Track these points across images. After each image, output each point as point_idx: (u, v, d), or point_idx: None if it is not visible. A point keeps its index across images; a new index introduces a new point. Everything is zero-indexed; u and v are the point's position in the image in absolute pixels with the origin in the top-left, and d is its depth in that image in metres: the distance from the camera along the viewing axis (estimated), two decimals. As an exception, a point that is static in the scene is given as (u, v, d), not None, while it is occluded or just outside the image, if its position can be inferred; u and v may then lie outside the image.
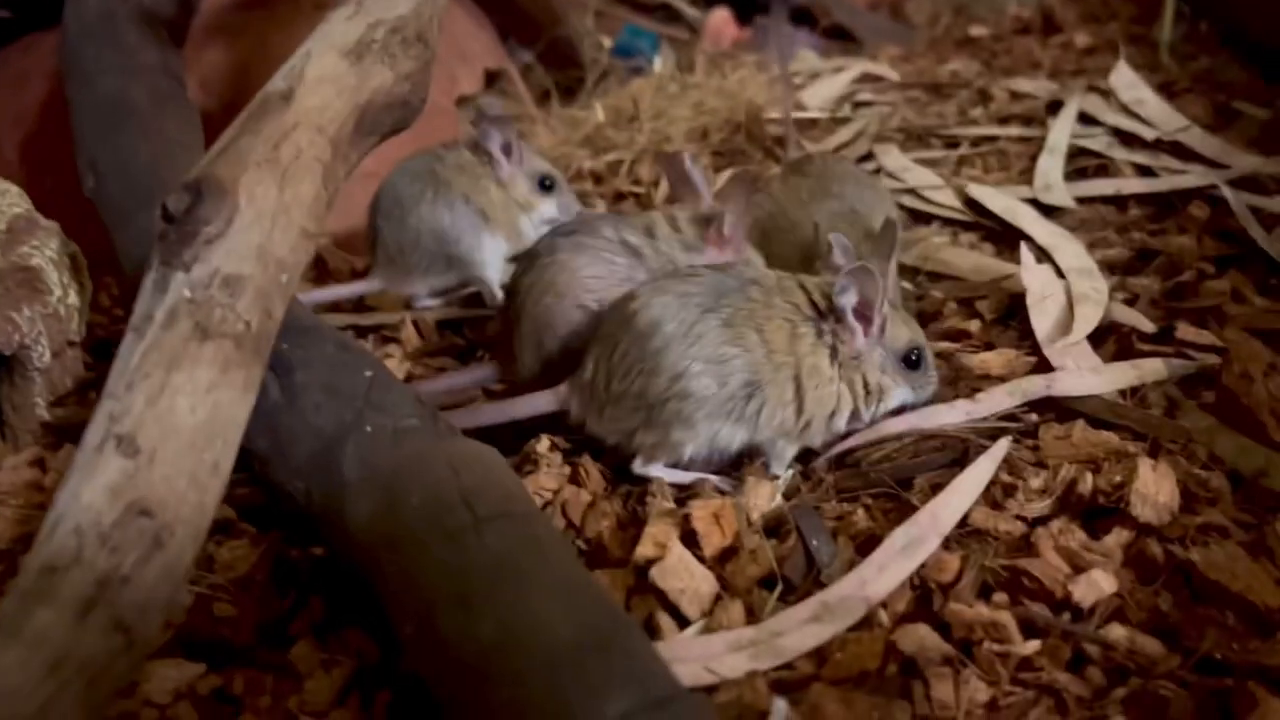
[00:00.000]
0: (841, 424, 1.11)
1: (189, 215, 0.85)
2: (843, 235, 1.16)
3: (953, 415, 1.10)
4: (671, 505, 1.05)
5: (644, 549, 0.96)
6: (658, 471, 1.10)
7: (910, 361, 1.11)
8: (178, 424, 0.79)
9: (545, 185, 1.59)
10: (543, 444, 1.14)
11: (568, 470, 1.11)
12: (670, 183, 1.34)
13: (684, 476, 1.10)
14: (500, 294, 1.56)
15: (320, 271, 1.75)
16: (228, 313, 0.84)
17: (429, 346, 1.48)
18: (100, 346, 1.50)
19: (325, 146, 0.94)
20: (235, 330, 0.84)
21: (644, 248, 1.22)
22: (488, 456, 0.87)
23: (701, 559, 0.96)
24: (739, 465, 1.11)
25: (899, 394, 1.12)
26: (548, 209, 1.60)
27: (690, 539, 0.97)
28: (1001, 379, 1.18)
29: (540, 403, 1.14)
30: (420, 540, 0.78)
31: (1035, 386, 1.13)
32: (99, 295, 1.65)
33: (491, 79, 2.34)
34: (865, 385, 1.09)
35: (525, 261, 1.26)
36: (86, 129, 1.37)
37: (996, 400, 1.11)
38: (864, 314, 1.07)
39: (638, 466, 1.10)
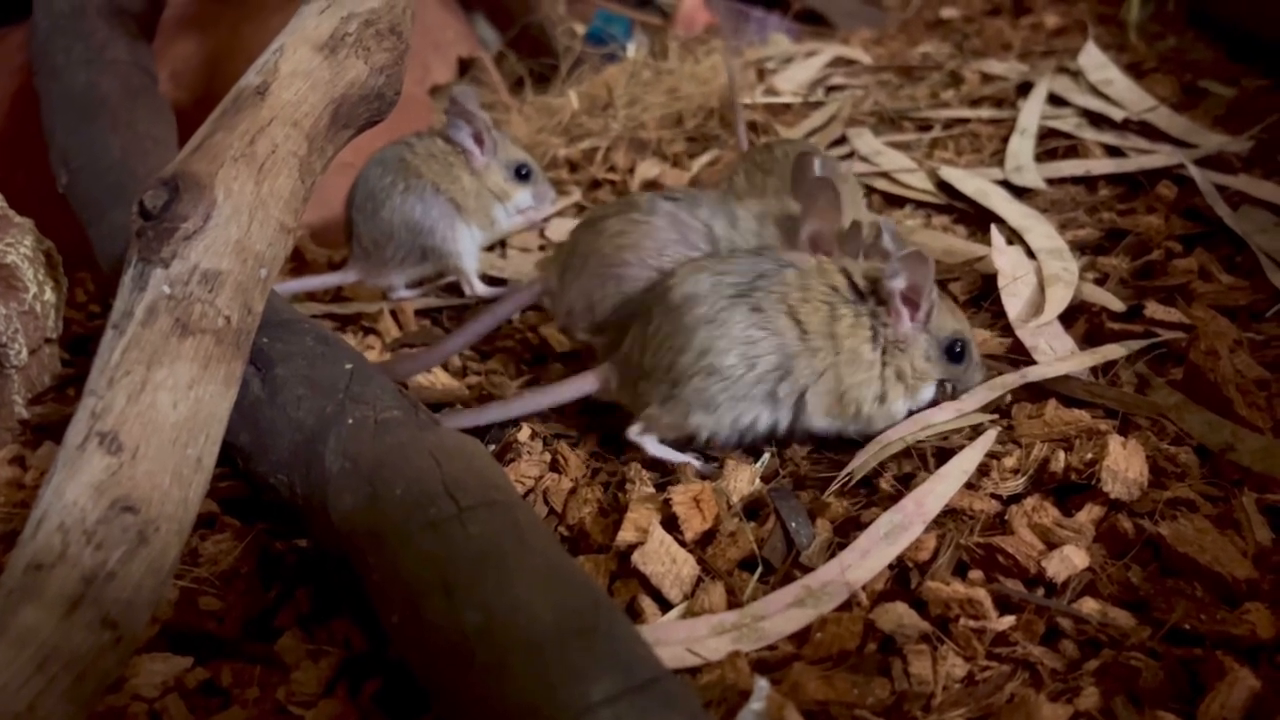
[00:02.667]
0: (898, 410, 1.10)
1: (166, 211, 0.85)
2: (890, 222, 1.16)
3: (943, 414, 1.11)
4: (651, 490, 1.06)
5: (625, 534, 0.97)
6: (651, 445, 1.11)
7: (953, 352, 1.10)
8: (160, 420, 0.79)
9: (521, 174, 1.60)
10: (524, 432, 1.15)
11: (548, 458, 1.12)
12: (793, 181, 1.27)
13: (671, 455, 1.11)
14: (478, 283, 1.57)
15: (298, 263, 1.74)
16: (207, 308, 0.84)
17: (408, 337, 1.49)
18: (77, 343, 1.50)
19: (301, 141, 0.95)
20: (215, 326, 0.84)
21: (723, 239, 1.22)
22: (469, 446, 0.88)
23: (682, 542, 0.97)
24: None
25: (935, 386, 1.11)
26: (523, 197, 1.60)
27: (671, 523, 0.98)
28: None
29: (584, 385, 1.16)
30: (404, 530, 0.79)
31: (1011, 379, 1.14)
32: (75, 291, 1.65)
33: (465, 67, 2.34)
34: (911, 371, 1.09)
35: (621, 207, 1.26)
36: (58, 124, 1.37)
37: (979, 396, 1.12)
38: (911, 299, 1.07)
39: (632, 433, 1.11)
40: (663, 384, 1.08)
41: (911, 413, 1.12)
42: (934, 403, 1.12)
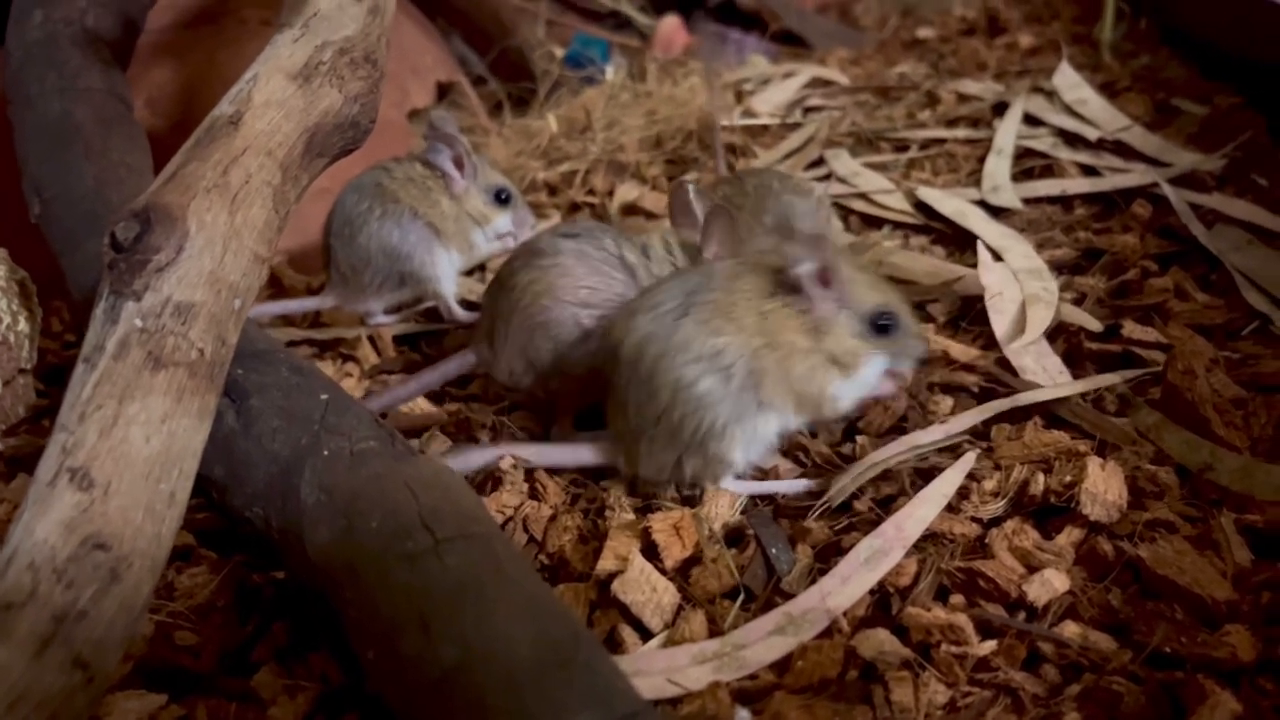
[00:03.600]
0: (843, 394, 1.08)
1: (138, 244, 0.84)
2: (805, 204, 1.15)
3: (931, 436, 1.10)
4: (632, 516, 1.06)
5: (605, 562, 0.97)
6: (731, 486, 1.08)
7: (879, 325, 1.07)
8: (132, 455, 0.78)
9: (500, 198, 1.59)
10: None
11: (527, 486, 1.11)
12: (671, 211, 1.31)
13: (758, 487, 1.09)
14: (457, 308, 1.57)
15: (276, 289, 1.73)
16: (180, 341, 0.83)
17: (387, 363, 1.48)
18: (52, 373, 1.49)
19: (275, 170, 0.94)
20: (189, 358, 0.83)
21: (639, 266, 1.22)
22: (446, 477, 0.88)
23: (663, 570, 0.97)
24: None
25: (875, 360, 1.08)
26: (503, 222, 1.60)
27: (651, 551, 0.98)
28: (966, 367, 1.22)
29: (584, 455, 1.15)
30: (380, 563, 0.78)
31: (1003, 403, 1.13)
32: (50, 320, 1.63)
33: (444, 91, 2.34)
34: (843, 352, 1.06)
35: (525, 257, 1.26)
36: (31, 153, 1.36)
37: (969, 418, 1.12)
38: (824, 280, 1.05)
39: (709, 488, 1.08)
40: (666, 438, 1.06)
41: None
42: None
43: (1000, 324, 1.28)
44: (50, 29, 1.44)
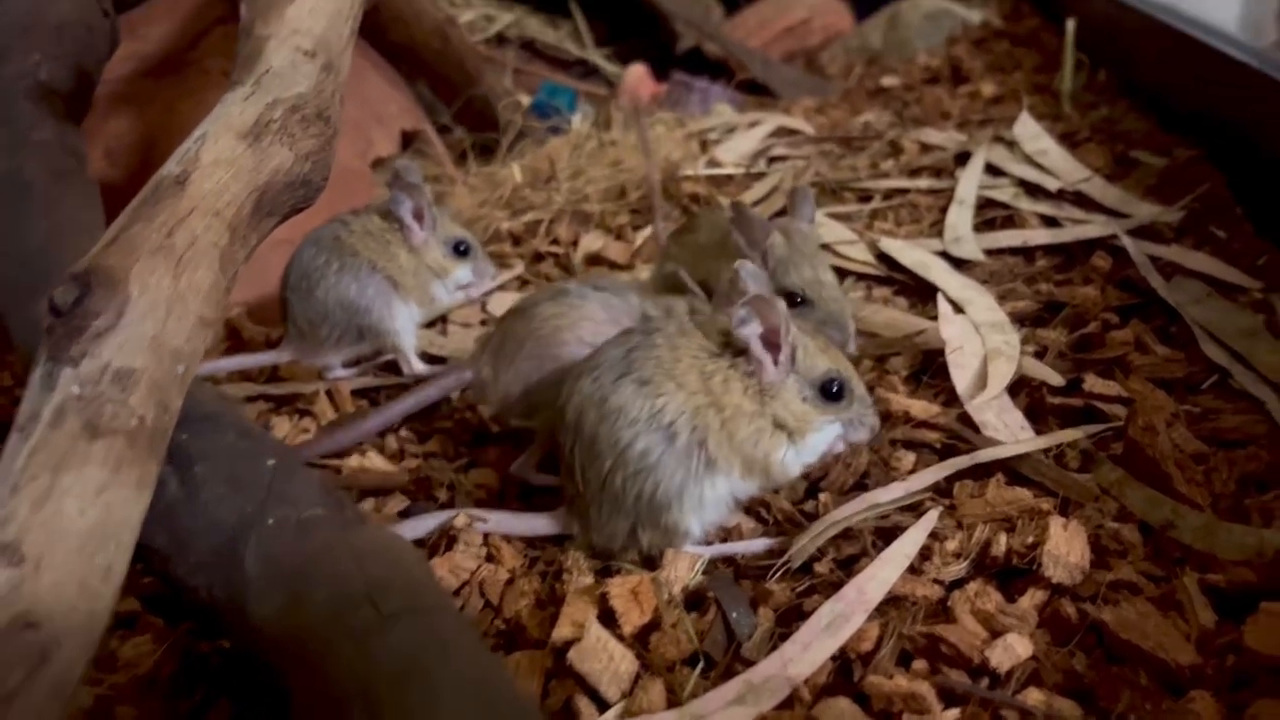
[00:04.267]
0: (790, 461, 1.07)
1: (77, 308, 0.82)
2: (750, 264, 1.15)
3: (892, 494, 1.08)
4: (590, 580, 1.03)
5: (561, 630, 0.95)
6: (693, 550, 1.05)
7: (830, 392, 1.07)
8: (66, 528, 0.75)
9: (459, 250, 1.58)
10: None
11: (484, 550, 1.09)
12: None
13: (720, 550, 1.07)
14: (416, 362, 1.55)
15: (234, 341, 1.71)
16: (119, 409, 0.81)
17: (344, 419, 1.45)
18: (2, 428, 1.45)
19: (222, 231, 0.92)
20: (128, 426, 0.81)
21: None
22: (395, 546, 0.85)
23: (620, 637, 0.94)
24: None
25: (827, 426, 1.07)
26: (462, 274, 1.59)
27: (609, 617, 0.96)
28: (925, 424, 1.20)
29: (539, 525, 1.13)
30: (325, 639, 0.76)
31: (963, 460, 1.12)
32: (1, 375, 1.60)
33: (408, 140, 2.33)
34: (790, 418, 1.05)
35: (551, 294, 1.26)
36: (-20, 209, 1.33)
37: (930, 475, 1.11)
38: (772, 342, 1.04)
39: (669, 555, 1.05)
40: (613, 504, 1.04)
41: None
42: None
43: (961, 379, 1.28)
44: (2, 85, 1.42)
